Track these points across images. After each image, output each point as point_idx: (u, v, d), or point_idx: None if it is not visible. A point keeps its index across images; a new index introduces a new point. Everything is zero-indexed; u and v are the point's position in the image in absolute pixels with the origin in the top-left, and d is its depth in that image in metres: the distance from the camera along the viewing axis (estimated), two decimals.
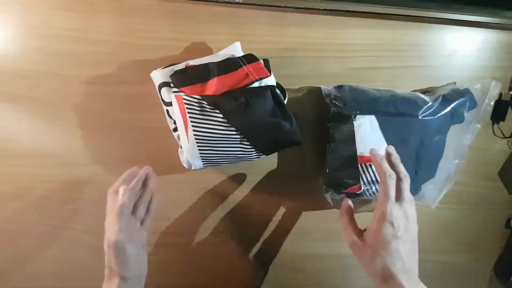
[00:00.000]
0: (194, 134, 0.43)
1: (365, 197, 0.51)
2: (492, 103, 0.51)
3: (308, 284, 0.60)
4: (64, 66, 0.47)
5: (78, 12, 0.46)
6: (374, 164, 0.43)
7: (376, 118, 0.48)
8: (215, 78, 0.42)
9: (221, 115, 0.43)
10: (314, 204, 0.57)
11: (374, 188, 0.49)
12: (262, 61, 0.43)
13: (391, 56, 0.52)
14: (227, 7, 0.47)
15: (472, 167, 0.58)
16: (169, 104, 0.44)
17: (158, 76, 0.44)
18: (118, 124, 0.50)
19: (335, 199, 0.53)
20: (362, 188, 0.49)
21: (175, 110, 0.43)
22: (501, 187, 0.61)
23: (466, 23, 0.52)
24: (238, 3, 0.47)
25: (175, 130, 0.46)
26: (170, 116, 0.45)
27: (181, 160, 0.47)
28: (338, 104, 0.48)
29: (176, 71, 0.43)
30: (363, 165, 0.48)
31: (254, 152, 0.45)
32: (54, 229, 0.52)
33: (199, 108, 0.43)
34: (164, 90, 0.44)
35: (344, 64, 0.51)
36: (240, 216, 0.55)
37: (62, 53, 0.47)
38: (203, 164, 0.46)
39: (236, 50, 0.43)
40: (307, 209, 0.57)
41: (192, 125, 0.43)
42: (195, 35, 0.48)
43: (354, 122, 0.47)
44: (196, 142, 0.43)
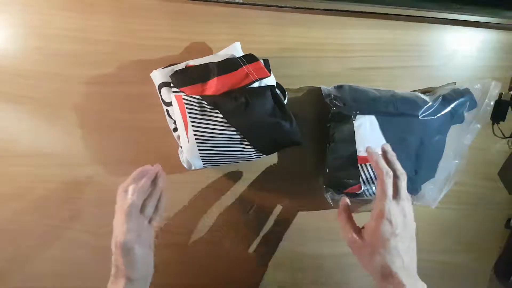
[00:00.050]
0: (194, 134, 0.43)
1: (365, 197, 0.51)
2: (492, 103, 0.51)
3: (307, 283, 0.60)
4: (64, 66, 0.47)
5: (78, 12, 0.46)
6: (371, 162, 0.43)
7: (376, 118, 0.48)
8: (215, 78, 0.42)
9: (221, 115, 0.43)
10: (314, 204, 0.57)
11: (374, 188, 0.49)
12: (262, 61, 0.43)
13: (391, 56, 0.52)
14: (227, 7, 0.47)
15: (472, 167, 0.58)
16: (169, 104, 0.44)
17: (158, 76, 0.44)
18: (118, 124, 0.50)
19: (335, 199, 0.53)
20: (362, 188, 0.49)
21: (175, 110, 0.43)
22: (501, 187, 0.61)
23: (466, 23, 0.52)
24: (238, 3, 0.47)
25: (175, 130, 0.46)
26: (170, 116, 0.45)
27: (181, 160, 0.47)
28: (338, 104, 0.48)
29: (176, 71, 0.43)
30: (363, 165, 0.48)
31: (254, 152, 0.45)
32: (54, 229, 0.52)
33: (199, 108, 0.43)
34: (164, 90, 0.44)
35: (344, 64, 0.51)
36: (240, 216, 0.55)
37: (62, 53, 0.47)
38: (203, 164, 0.46)
39: (236, 50, 0.43)
40: (307, 209, 0.57)
41: (192, 125, 0.43)
42: (195, 35, 0.48)
43: (354, 122, 0.47)
44: (196, 142, 0.43)
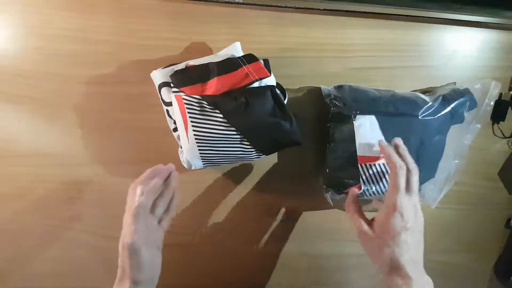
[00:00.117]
0: (194, 134, 0.43)
1: (365, 197, 0.51)
2: (492, 103, 0.51)
3: (308, 283, 0.60)
4: (64, 66, 0.47)
5: (78, 12, 0.46)
6: (384, 155, 0.43)
7: (376, 118, 0.48)
8: (215, 78, 0.42)
9: (221, 115, 0.43)
10: (314, 204, 0.57)
11: (374, 188, 0.49)
12: (262, 61, 0.43)
13: (391, 56, 0.52)
14: (227, 7, 0.47)
15: (472, 167, 0.58)
16: (169, 104, 0.44)
17: (158, 76, 0.44)
18: (118, 124, 0.50)
19: (335, 199, 0.53)
20: (362, 188, 0.49)
21: (175, 110, 0.43)
22: (501, 187, 0.61)
23: (466, 23, 0.52)
24: (238, 3, 0.47)
25: (175, 130, 0.46)
26: (170, 116, 0.45)
27: (181, 160, 0.47)
28: (338, 104, 0.48)
29: (176, 71, 0.43)
30: (363, 165, 0.48)
31: (254, 152, 0.45)
32: (54, 229, 0.52)
33: (199, 108, 0.43)
34: (164, 90, 0.44)
35: (344, 64, 0.51)
36: (240, 216, 0.55)
37: (62, 53, 0.47)
38: (203, 164, 0.46)
39: (236, 50, 0.43)
40: (307, 209, 0.57)
41: (192, 125, 0.43)
42: (195, 35, 0.48)
43: (354, 122, 0.47)
44: (196, 142, 0.43)
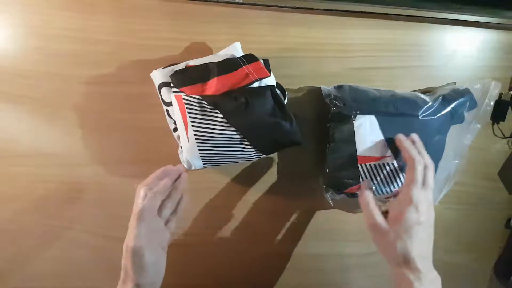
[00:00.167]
0: (194, 134, 0.43)
1: None
2: (492, 103, 0.51)
3: (308, 284, 0.60)
4: (64, 66, 0.47)
5: (78, 12, 0.46)
6: (401, 150, 0.43)
7: (376, 118, 0.48)
8: (215, 78, 0.42)
9: (221, 115, 0.43)
10: (314, 204, 0.57)
11: (374, 188, 0.49)
12: (262, 61, 0.43)
13: (391, 56, 0.52)
14: (227, 7, 0.47)
15: (472, 167, 0.58)
16: (169, 104, 0.44)
17: (158, 76, 0.44)
18: (118, 124, 0.50)
19: (335, 199, 0.53)
20: None
21: (175, 110, 0.43)
22: (501, 187, 0.61)
23: (466, 23, 0.52)
24: (238, 3, 0.47)
25: (175, 130, 0.46)
26: (170, 116, 0.45)
27: (181, 160, 0.47)
28: (338, 104, 0.48)
29: (176, 71, 0.43)
30: (363, 165, 0.48)
31: (254, 152, 0.45)
32: (54, 229, 0.52)
33: (199, 108, 0.43)
34: (164, 90, 0.44)
35: (344, 64, 0.51)
36: (239, 216, 0.55)
37: (62, 53, 0.47)
38: (203, 164, 0.46)
39: (236, 50, 0.43)
40: (307, 209, 0.57)
41: (192, 125, 0.43)
42: (195, 35, 0.48)
43: (354, 122, 0.47)
44: (196, 142, 0.43)
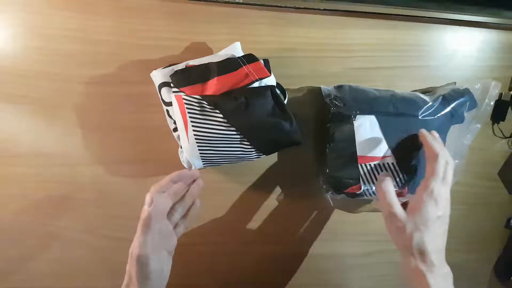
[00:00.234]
0: (194, 134, 0.43)
1: (365, 197, 0.51)
2: (492, 103, 0.51)
3: (308, 284, 0.60)
4: (64, 66, 0.47)
5: (78, 12, 0.46)
6: (424, 144, 0.44)
7: (376, 118, 0.48)
8: (215, 78, 0.42)
9: (221, 115, 0.43)
10: (314, 204, 0.57)
11: (374, 188, 0.49)
12: (262, 61, 0.43)
13: (391, 56, 0.52)
14: (227, 7, 0.47)
15: (472, 167, 0.58)
16: (169, 104, 0.44)
17: (158, 76, 0.44)
18: (118, 124, 0.50)
19: (335, 199, 0.53)
20: (362, 188, 0.49)
21: (175, 110, 0.43)
22: (501, 187, 0.61)
23: (466, 23, 0.52)
24: (238, 3, 0.47)
25: (175, 130, 0.46)
26: (170, 116, 0.45)
27: (181, 160, 0.47)
28: (338, 104, 0.48)
29: (176, 71, 0.43)
30: (363, 165, 0.48)
31: (254, 152, 0.45)
32: (54, 229, 0.52)
33: (199, 108, 0.43)
34: (164, 90, 0.44)
35: (344, 64, 0.51)
36: (239, 216, 0.55)
37: (62, 53, 0.47)
38: (203, 164, 0.46)
39: (236, 50, 0.43)
40: (307, 209, 0.57)
41: (192, 125, 0.43)
42: (195, 35, 0.48)
43: (354, 122, 0.47)
44: (196, 142, 0.43)
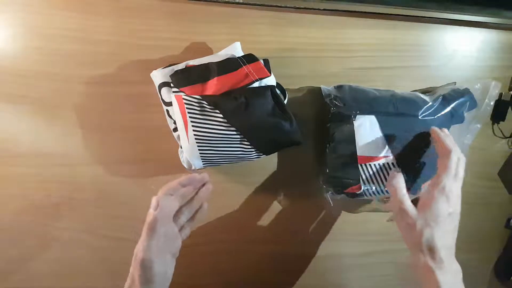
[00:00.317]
0: (194, 134, 0.43)
1: (365, 197, 0.51)
2: (492, 103, 0.51)
3: (308, 284, 0.60)
4: (64, 66, 0.47)
5: (78, 12, 0.46)
6: (436, 140, 0.44)
7: (376, 118, 0.48)
8: (215, 78, 0.42)
9: (221, 115, 0.43)
10: (314, 204, 0.57)
11: (374, 188, 0.49)
12: (262, 61, 0.43)
13: (391, 56, 0.52)
14: (227, 7, 0.47)
15: (472, 167, 0.57)
16: (169, 104, 0.44)
17: (158, 76, 0.44)
18: (118, 124, 0.50)
19: (335, 199, 0.53)
20: (362, 188, 0.49)
21: (175, 110, 0.43)
22: (501, 187, 0.61)
23: (466, 23, 0.52)
24: (238, 3, 0.47)
25: (175, 130, 0.46)
26: (170, 116, 0.45)
27: (181, 160, 0.47)
28: (338, 104, 0.48)
29: (176, 71, 0.43)
30: (363, 165, 0.48)
31: (254, 152, 0.45)
32: (54, 229, 0.52)
33: (199, 108, 0.43)
34: (164, 90, 0.44)
35: (344, 64, 0.51)
36: (239, 216, 0.55)
37: (62, 53, 0.47)
38: (203, 164, 0.46)
39: (236, 50, 0.43)
40: (307, 209, 0.57)
41: (192, 125, 0.43)
42: (195, 35, 0.48)
43: (354, 122, 0.47)
44: (196, 142, 0.43)
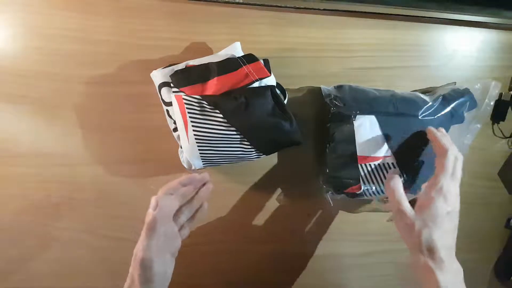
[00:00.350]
0: (194, 134, 0.43)
1: (365, 197, 0.51)
2: (492, 103, 0.51)
3: (308, 284, 0.60)
4: (64, 66, 0.47)
5: (78, 12, 0.46)
6: (433, 140, 0.43)
7: (376, 118, 0.48)
8: (215, 78, 0.42)
9: (221, 115, 0.43)
10: (314, 204, 0.57)
11: (374, 188, 0.49)
12: (262, 61, 0.43)
13: (391, 56, 0.52)
14: (227, 7, 0.47)
15: (472, 167, 0.58)
16: (169, 104, 0.44)
17: (158, 76, 0.44)
18: (118, 124, 0.50)
19: (335, 199, 0.53)
20: (362, 188, 0.49)
21: (175, 110, 0.43)
22: (501, 187, 0.61)
23: (466, 23, 0.52)
24: (238, 3, 0.47)
25: (175, 130, 0.46)
26: (170, 116, 0.45)
27: (181, 160, 0.47)
28: (338, 104, 0.48)
29: (176, 71, 0.43)
30: (363, 165, 0.48)
31: (254, 152, 0.45)
32: (54, 229, 0.52)
33: (199, 108, 0.43)
34: (164, 90, 0.44)
35: (344, 64, 0.51)
36: (239, 216, 0.55)
37: (62, 53, 0.47)
38: (203, 164, 0.46)
39: (236, 50, 0.43)
40: (307, 209, 0.57)
41: (192, 125, 0.43)
42: (195, 35, 0.48)
43: (354, 122, 0.47)
44: (196, 142, 0.43)
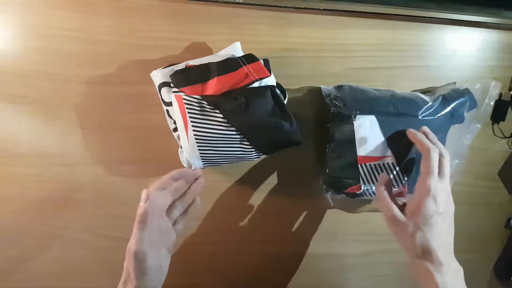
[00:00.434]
0: (194, 134, 0.43)
1: (365, 197, 0.51)
2: (492, 103, 0.51)
3: (308, 284, 0.60)
4: (64, 66, 0.47)
5: (78, 12, 0.46)
6: (415, 141, 0.43)
7: (376, 118, 0.48)
8: (215, 78, 0.42)
9: (221, 115, 0.43)
10: (314, 204, 0.57)
11: (374, 188, 0.49)
12: (262, 61, 0.43)
13: (391, 56, 0.52)
14: (227, 7, 0.47)
15: (472, 167, 0.58)
16: (169, 104, 0.44)
17: (158, 76, 0.44)
18: (118, 124, 0.50)
19: (335, 199, 0.53)
20: (362, 188, 0.49)
21: (175, 110, 0.43)
22: (501, 187, 0.61)
23: (466, 23, 0.52)
24: (238, 3, 0.47)
25: (175, 130, 0.46)
26: (170, 116, 0.45)
27: (181, 160, 0.47)
28: (338, 104, 0.48)
29: (176, 71, 0.43)
30: (363, 165, 0.48)
31: (254, 152, 0.45)
32: (54, 229, 0.52)
33: (199, 108, 0.43)
34: (164, 90, 0.44)
35: (344, 64, 0.51)
36: (239, 216, 0.55)
37: (62, 53, 0.47)
38: (203, 164, 0.46)
39: (236, 50, 0.43)
40: (307, 209, 0.57)
41: (192, 125, 0.43)
42: (195, 35, 0.48)
43: (354, 122, 0.47)
44: (196, 142, 0.43)
